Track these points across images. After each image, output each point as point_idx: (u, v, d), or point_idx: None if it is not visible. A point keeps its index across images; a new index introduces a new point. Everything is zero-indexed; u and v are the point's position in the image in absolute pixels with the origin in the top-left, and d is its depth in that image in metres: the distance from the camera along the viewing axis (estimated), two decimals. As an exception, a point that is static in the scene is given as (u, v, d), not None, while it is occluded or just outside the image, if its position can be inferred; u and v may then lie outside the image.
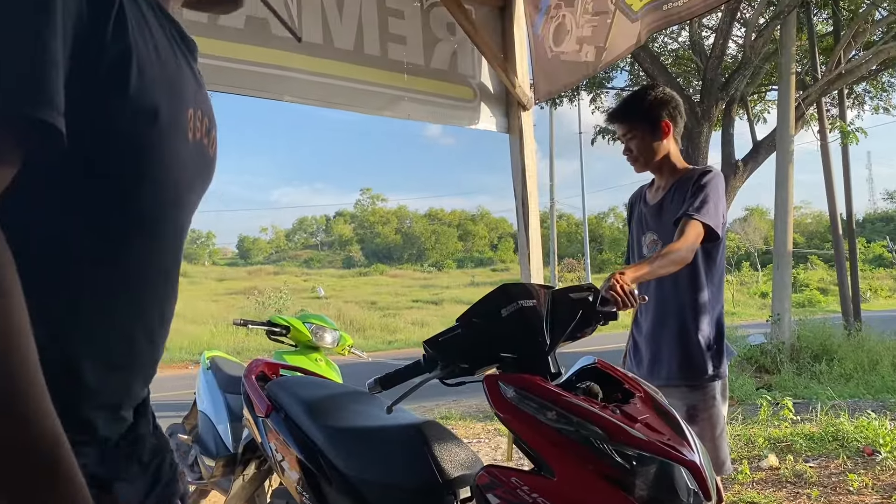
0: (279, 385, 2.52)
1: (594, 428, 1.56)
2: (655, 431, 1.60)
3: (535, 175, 4.07)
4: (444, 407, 8.45)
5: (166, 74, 0.80)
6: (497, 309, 1.77)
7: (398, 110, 3.84)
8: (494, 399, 1.68)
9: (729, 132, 11.41)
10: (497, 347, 1.76)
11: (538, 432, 1.61)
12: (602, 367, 1.84)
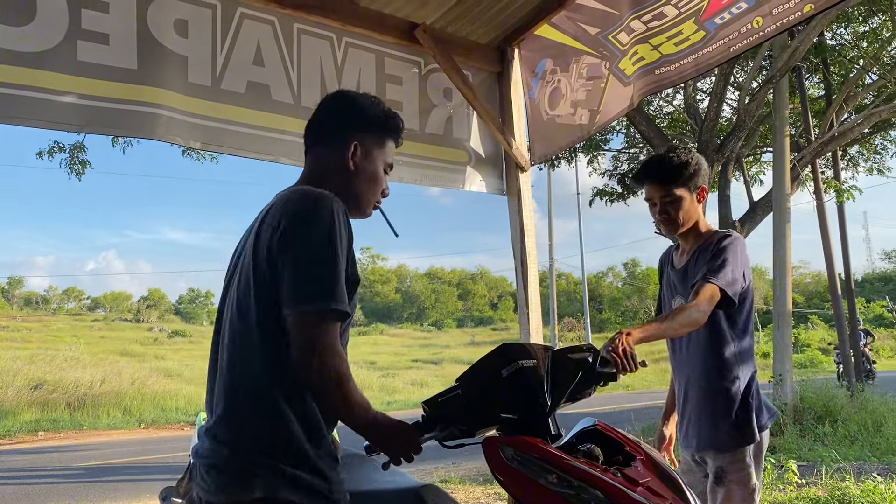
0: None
1: (595, 492, 1.54)
2: (657, 495, 1.60)
3: (533, 234, 4.10)
4: (444, 470, 8.29)
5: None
6: (497, 369, 1.74)
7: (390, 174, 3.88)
8: (494, 462, 1.67)
9: (725, 193, 11.52)
10: (497, 408, 1.74)
11: (538, 496, 1.59)
12: (603, 430, 1.85)
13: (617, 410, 14.78)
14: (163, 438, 13.74)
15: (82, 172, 10.27)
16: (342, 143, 1.88)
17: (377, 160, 1.94)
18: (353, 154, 1.88)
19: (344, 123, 1.90)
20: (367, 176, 1.92)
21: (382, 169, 1.97)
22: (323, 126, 1.93)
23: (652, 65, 3.63)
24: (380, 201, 2.00)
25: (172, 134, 3.13)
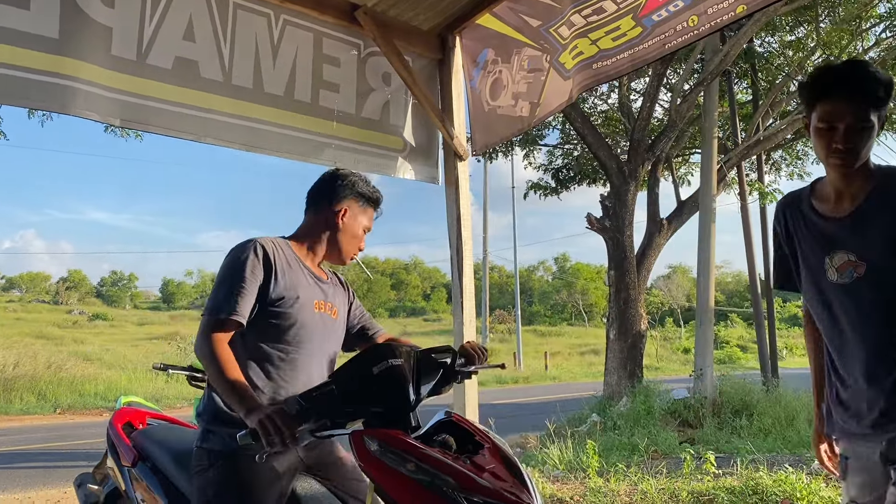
0: (146, 435, 2.61)
1: (447, 478, 1.76)
2: (500, 480, 1.83)
3: (469, 224, 4.08)
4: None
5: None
6: (369, 367, 1.94)
7: (323, 157, 3.80)
8: (360, 453, 1.85)
9: (654, 191, 11.81)
10: (367, 402, 1.93)
11: (398, 483, 1.79)
12: (457, 421, 2.04)
13: (544, 402, 15.02)
14: (80, 424, 13.24)
15: (-4, 145, 9.76)
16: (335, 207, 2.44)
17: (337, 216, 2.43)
18: (343, 215, 2.43)
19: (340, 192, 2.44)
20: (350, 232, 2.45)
21: (362, 230, 2.48)
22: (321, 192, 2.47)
23: (590, 59, 3.66)
24: (356, 253, 2.49)
25: (90, 109, 2.97)
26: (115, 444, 2.67)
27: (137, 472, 2.50)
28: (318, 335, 2.35)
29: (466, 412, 3.94)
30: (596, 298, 56.78)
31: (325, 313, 2.39)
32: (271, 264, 2.23)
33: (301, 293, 2.29)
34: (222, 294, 2.16)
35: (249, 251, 2.21)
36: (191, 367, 3.87)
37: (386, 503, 1.86)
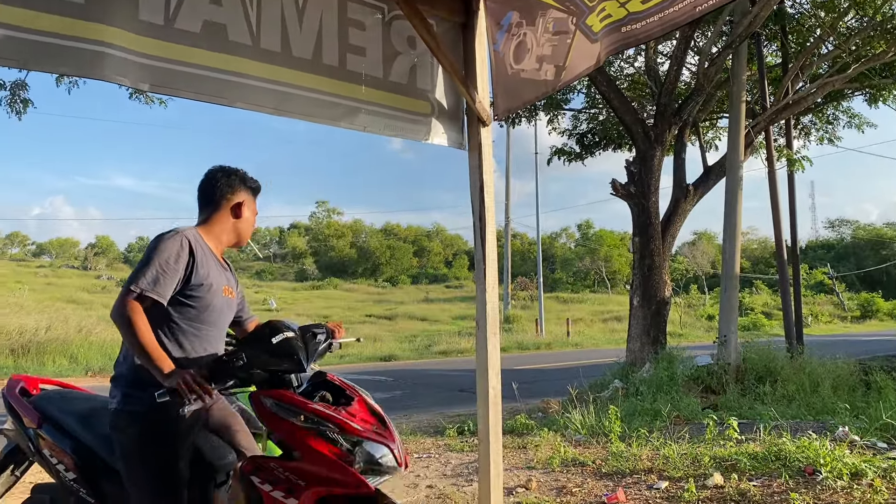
0: (47, 399, 2.92)
1: (329, 424, 2.29)
2: (368, 423, 2.39)
3: (492, 191, 4.08)
4: (395, 421, 8.36)
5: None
6: (269, 337, 2.45)
7: (355, 122, 3.80)
8: (259, 409, 2.38)
9: (681, 157, 11.65)
10: (268, 365, 2.42)
11: (289, 430, 2.31)
12: (331, 380, 2.56)
13: (565, 368, 15.09)
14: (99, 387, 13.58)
15: (23, 112, 9.83)
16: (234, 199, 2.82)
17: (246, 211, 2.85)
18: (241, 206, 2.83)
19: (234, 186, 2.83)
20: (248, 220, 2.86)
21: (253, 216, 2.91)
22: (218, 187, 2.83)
23: (619, 22, 3.60)
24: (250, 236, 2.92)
25: (119, 74, 2.99)
26: (16, 408, 2.92)
27: (44, 432, 2.78)
28: (225, 315, 2.78)
29: (489, 376, 3.98)
30: (619, 265, 56.51)
31: (229, 296, 2.79)
32: (194, 255, 2.60)
33: (214, 280, 2.67)
34: (149, 274, 2.48)
35: (178, 241, 2.58)
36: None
37: (282, 448, 2.40)
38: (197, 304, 2.61)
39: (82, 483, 2.69)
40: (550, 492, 5.04)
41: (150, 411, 2.43)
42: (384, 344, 23.50)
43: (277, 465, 2.35)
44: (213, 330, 2.68)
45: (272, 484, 2.31)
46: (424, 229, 78.90)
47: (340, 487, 2.26)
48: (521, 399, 8.47)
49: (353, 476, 2.26)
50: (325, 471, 2.27)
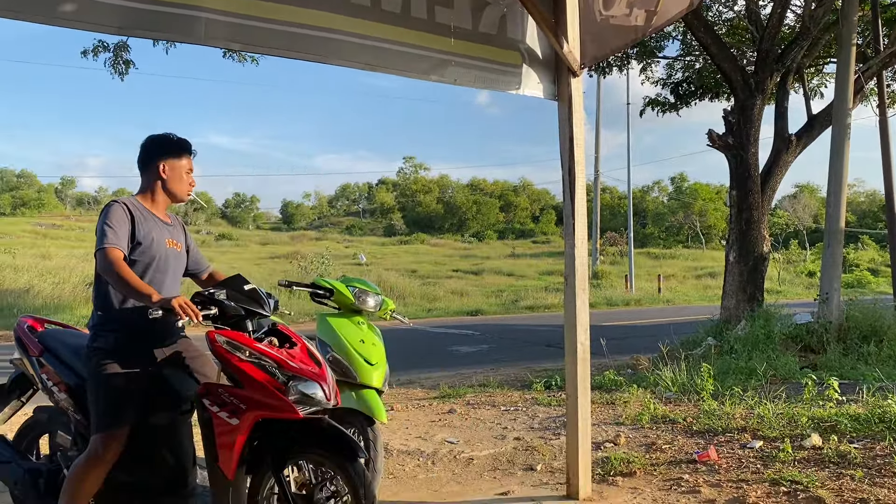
0: (48, 335, 3.43)
1: (269, 360, 2.77)
2: (305, 363, 2.85)
3: (582, 144, 3.99)
4: (482, 374, 8.48)
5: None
6: (241, 285, 2.98)
7: (445, 74, 3.79)
8: (213, 345, 2.82)
9: (783, 105, 11.05)
10: (239, 303, 2.91)
11: (237, 363, 2.76)
12: (282, 329, 3.03)
13: (656, 324, 14.83)
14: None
15: (125, 73, 10.26)
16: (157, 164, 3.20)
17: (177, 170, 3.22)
18: (163, 170, 3.19)
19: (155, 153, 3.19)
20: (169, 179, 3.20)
21: (187, 175, 3.25)
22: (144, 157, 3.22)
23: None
24: (190, 191, 3.29)
25: (212, 37, 3.08)
26: (24, 341, 3.45)
27: (45, 359, 3.31)
28: (172, 264, 3.21)
29: (578, 332, 3.96)
30: (714, 220, 54.60)
31: (174, 248, 3.23)
32: (133, 217, 3.07)
33: (155, 235, 3.12)
34: (109, 233, 2.97)
35: (119, 206, 3.07)
36: (313, 283, 4.05)
37: (228, 377, 2.83)
38: (144, 258, 3.08)
39: (71, 403, 3.21)
40: (639, 448, 5.01)
41: (111, 349, 3.01)
42: (471, 299, 23.68)
43: (225, 390, 2.81)
44: (164, 277, 3.16)
45: (219, 406, 2.78)
46: (511, 184, 78.35)
47: (274, 411, 2.73)
48: (609, 355, 8.40)
49: (286, 403, 2.71)
50: (262, 397, 2.73)
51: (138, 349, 3.02)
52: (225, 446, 2.78)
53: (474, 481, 4.45)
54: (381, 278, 23.82)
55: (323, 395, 2.81)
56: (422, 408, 6.59)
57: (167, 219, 3.28)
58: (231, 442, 2.76)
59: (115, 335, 3.00)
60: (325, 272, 23.01)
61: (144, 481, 3.06)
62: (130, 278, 2.88)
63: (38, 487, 3.30)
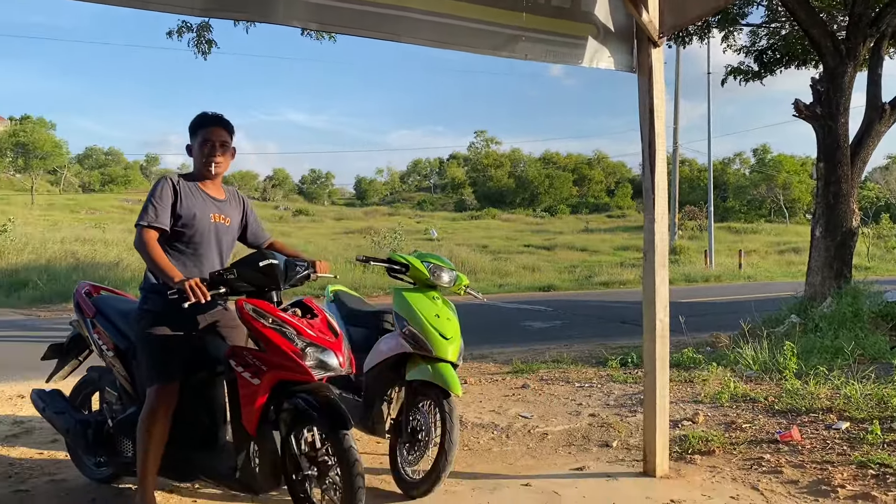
0: (103, 300, 3.81)
1: (290, 328, 3.06)
2: (323, 333, 3.14)
3: (663, 116, 3.89)
4: (555, 350, 8.45)
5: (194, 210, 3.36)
6: (257, 262, 3.23)
7: (515, 50, 3.75)
8: (241, 312, 3.13)
9: (876, 72, 10.45)
10: (250, 280, 3.22)
11: (260, 329, 3.07)
12: (307, 302, 3.31)
13: (736, 301, 14.43)
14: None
15: (208, 52, 10.51)
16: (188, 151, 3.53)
17: (196, 147, 3.43)
18: (190, 151, 3.47)
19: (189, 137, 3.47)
20: (194, 156, 3.45)
21: (202, 149, 3.40)
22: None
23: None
24: (209, 165, 3.40)
25: (291, 17, 3.14)
26: (81, 304, 3.80)
27: (97, 320, 3.68)
28: (216, 237, 3.47)
29: (657, 307, 3.90)
30: (799, 193, 52.42)
31: (220, 222, 3.46)
32: (178, 192, 3.33)
33: (198, 211, 3.37)
34: (150, 210, 3.27)
35: (163, 183, 3.35)
36: (389, 259, 4.11)
37: (255, 343, 3.14)
38: (186, 231, 3.35)
39: (118, 362, 3.56)
40: (718, 426, 4.91)
41: (159, 311, 3.30)
42: (543, 274, 23.52)
43: (249, 353, 3.12)
44: (207, 249, 3.43)
45: (244, 367, 3.09)
46: (585, 157, 77.14)
47: (292, 374, 3.03)
48: (687, 333, 8.24)
49: (302, 367, 3.00)
50: (281, 360, 3.01)
51: (182, 314, 3.22)
52: (247, 404, 3.08)
53: (549, 456, 4.47)
54: (452, 253, 23.92)
55: (337, 362, 3.09)
56: (495, 382, 6.63)
57: (220, 194, 3.51)
58: (253, 400, 3.06)
59: (163, 300, 3.21)
60: (398, 247, 23.29)
61: (180, 436, 3.32)
62: (158, 259, 3.19)
63: (87, 437, 3.65)
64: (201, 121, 3.42)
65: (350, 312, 4.51)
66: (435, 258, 4.07)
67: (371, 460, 4.33)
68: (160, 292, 3.23)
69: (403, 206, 66.93)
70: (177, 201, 3.34)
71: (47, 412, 3.87)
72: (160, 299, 3.25)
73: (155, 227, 3.26)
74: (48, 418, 3.88)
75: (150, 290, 3.34)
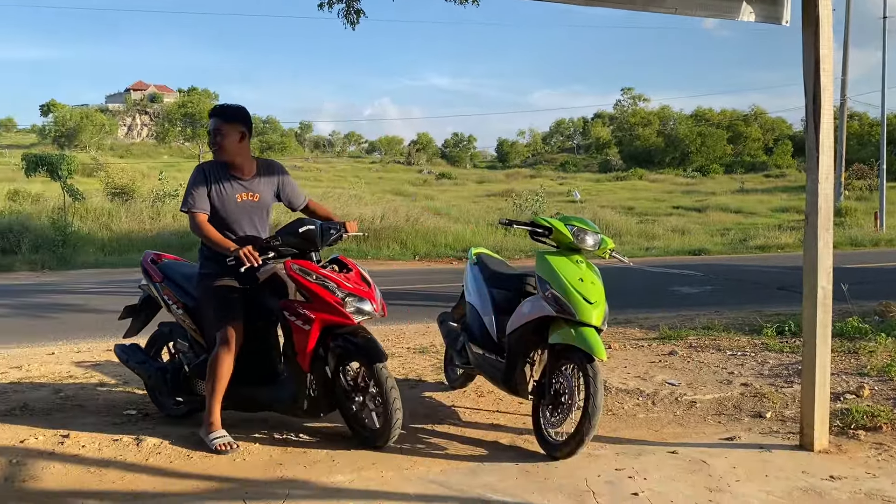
0: (168, 265, 4.38)
1: (330, 282, 3.70)
2: (358, 284, 3.80)
3: (830, 69, 3.60)
4: (705, 317, 8.14)
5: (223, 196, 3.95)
6: (297, 229, 3.84)
7: (664, 5, 3.59)
8: (289, 270, 3.75)
9: None
10: (296, 246, 3.84)
11: (307, 284, 3.70)
12: (342, 259, 3.94)
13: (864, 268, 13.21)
14: (435, 270, 15.06)
15: (357, 22, 10.80)
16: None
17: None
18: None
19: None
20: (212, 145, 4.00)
21: (209, 138, 4.02)
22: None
23: None
24: (213, 150, 3.96)
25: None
26: (148, 270, 4.38)
27: (165, 284, 4.25)
28: (246, 212, 3.99)
29: (819, 273, 3.67)
30: None
31: (247, 199, 3.98)
32: (208, 178, 3.91)
33: (226, 192, 3.93)
34: (189, 197, 3.88)
35: (198, 171, 3.95)
36: (532, 222, 4.10)
37: (302, 296, 3.73)
38: (219, 210, 3.92)
39: (187, 317, 4.16)
40: (886, 402, 4.57)
41: (216, 271, 3.91)
42: (693, 237, 22.57)
43: (299, 305, 3.73)
44: (240, 223, 3.96)
45: (296, 317, 3.73)
46: (741, 113, 72.72)
47: (335, 317, 3.68)
48: (852, 300, 7.65)
49: (344, 314, 3.68)
50: (326, 309, 3.68)
51: (237, 275, 3.84)
52: (301, 346, 3.74)
53: (697, 424, 4.35)
54: (596, 215, 23.44)
55: (371, 307, 3.77)
56: (640, 348, 6.50)
57: (248, 173, 4.02)
58: (305, 343, 3.71)
59: (219, 265, 3.87)
60: (539, 210, 23.14)
61: (246, 376, 3.96)
62: (212, 235, 3.83)
63: (166, 381, 4.30)
64: (210, 112, 4.04)
65: (492, 275, 4.56)
66: (579, 221, 4.02)
67: (514, 420, 4.41)
68: (217, 259, 3.87)
69: (545, 168, 66.28)
70: (209, 186, 3.91)
71: (130, 363, 4.49)
72: (217, 265, 3.90)
73: (201, 211, 3.87)
74: (131, 368, 4.51)
75: (208, 258, 3.97)
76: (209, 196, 3.89)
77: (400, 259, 17.05)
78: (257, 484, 3.37)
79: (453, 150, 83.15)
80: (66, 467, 3.55)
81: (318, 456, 3.73)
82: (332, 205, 22.11)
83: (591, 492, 3.24)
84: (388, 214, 20.10)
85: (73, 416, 4.39)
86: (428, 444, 3.95)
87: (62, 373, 5.50)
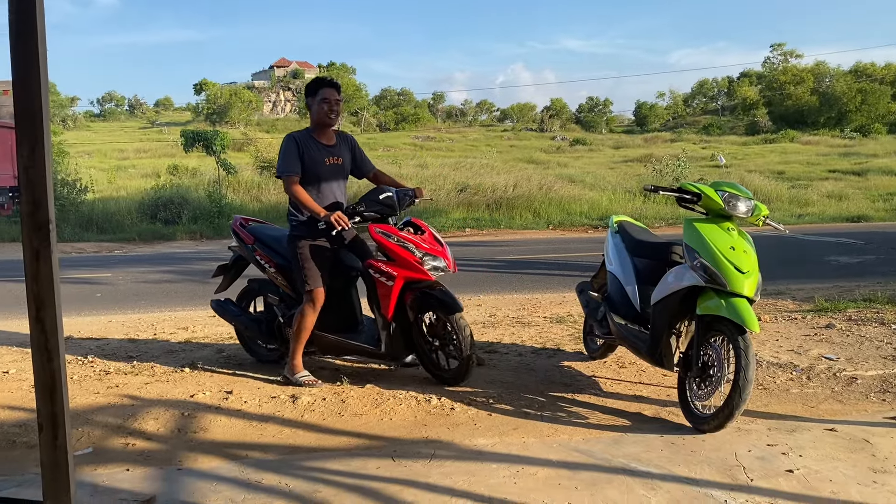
0: (257, 228, 4.88)
1: (408, 243, 4.22)
2: (432, 244, 4.31)
3: None
4: (867, 288, 7.55)
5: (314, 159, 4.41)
6: (378, 195, 4.33)
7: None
8: (372, 233, 4.26)
9: None
10: (375, 210, 4.31)
11: (388, 245, 4.22)
12: (414, 221, 4.44)
13: None
14: (569, 239, 14.85)
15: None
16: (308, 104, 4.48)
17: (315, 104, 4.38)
18: (309, 106, 4.43)
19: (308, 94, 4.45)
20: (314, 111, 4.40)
21: (322, 106, 4.35)
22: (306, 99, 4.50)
23: None
24: (329, 117, 4.37)
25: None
26: (239, 233, 4.83)
27: (256, 245, 4.70)
28: (333, 175, 4.45)
29: None
30: None
31: (333, 163, 4.43)
32: (299, 145, 4.33)
33: (315, 156, 4.35)
34: (282, 163, 4.33)
35: (289, 139, 4.36)
36: (680, 188, 3.94)
37: (384, 256, 4.26)
38: (309, 174, 4.33)
39: (279, 275, 4.62)
40: None
41: (304, 234, 4.35)
42: (852, 203, 20.87)
43: (382, 263, 4.25)
44: (328, 186, 4.41)
45: (380, 274, 4.25)
46: (908, 67, 65.93)
47: (415, 273, 4.19)
48: None
49: (423, 270, 4.19)
50: (406, 266, 4.19)
51: (323, 237, 4.34)
52: (384, 299, 4.26)
53: (858, 402, 4.08)
54: (742, 180, 22.16)
55: (444, 264, 4.28)
56: (793, 320, 6.14)
57: (331, 140, 4.47)
58: (388, 296, 4.23)
59: (308, 228, 4.35)
60: (681, 175, 22.16)
61: (333, 324, 4.55)
62: (305, 200, 4.24)
63: (261, 330, 4.85)
64: (318, 84, 4.40)
65: (635, 243, 4.44)
66: (731, 186, 3.82)
67: (657, 392, 4.31)
68: (306, 223, 4.35)
69: (687, 131, 63.36)
70: (300, 152, 4.32)
71: (226, 315, 5.03)
72: (306, 228, 4.36)
73: (295, 175, 4.28)
74: (227, 319, 5.07)
75: (298, 221, 4.40)
76: (302, 161, 4.31)
77: (533, 228, 16.94)
78: (404, 443, 3.51)
79: (588, 115, 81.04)
80: (230, 421, 3.85)
81: (460, 418, 3.83)
82: (465, 174, 22.26)
83: (742, 466, 3.12)
84: (521, 183, 19.95)
85: (235, 373, 4.74)
86: (568, 412, 3.95)
87: (223, 334, 5.93)
